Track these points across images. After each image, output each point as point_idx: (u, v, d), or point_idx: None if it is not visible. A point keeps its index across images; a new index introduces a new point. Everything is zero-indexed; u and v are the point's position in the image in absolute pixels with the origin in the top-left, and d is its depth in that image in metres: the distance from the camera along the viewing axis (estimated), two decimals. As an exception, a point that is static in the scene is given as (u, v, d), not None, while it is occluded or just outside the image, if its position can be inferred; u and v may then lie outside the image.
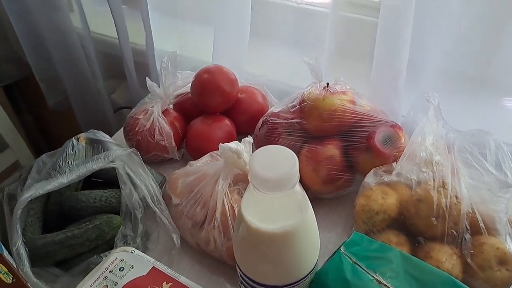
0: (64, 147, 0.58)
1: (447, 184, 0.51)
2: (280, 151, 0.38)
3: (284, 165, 0.36)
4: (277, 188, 0.36)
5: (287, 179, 0.36)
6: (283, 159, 0.37)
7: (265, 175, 0.36)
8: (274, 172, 0.36)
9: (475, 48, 0.70)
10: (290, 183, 0.36)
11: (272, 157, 0.38)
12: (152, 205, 0.57)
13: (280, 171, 0.36)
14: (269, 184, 0.36)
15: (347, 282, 0.43)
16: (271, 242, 0.39)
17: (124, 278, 0.48)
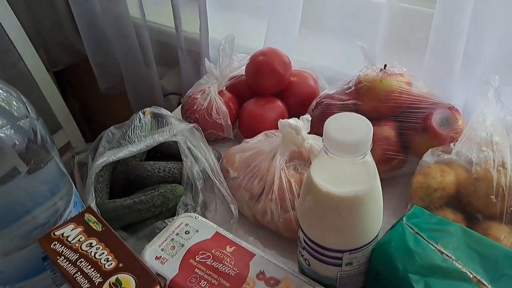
0: (131, 120, 0.62)
1: (506, 163, 0.52)
2: (355, 118, 0.40)
3: (359, 130, 0.38)
4: (352, 151, 0.38)
5: (362, 143, 0.38)
6: (358, 124, 0.39)
7: (342, 139, 0.38)
8: (350, 136, 0.38)
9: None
10: (364, 147, 0.38)
11: (348, 122, 0.39)
12: (212, 176, 0.60)
13: (356, 135, 0.38)
14: (345, 148, 0.38)
15: (410, 251, 0.44)
16: (341, 206, 0.41)
17: (190, 241, 0.51)
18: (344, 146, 0.38)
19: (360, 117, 0.39)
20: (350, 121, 0.39)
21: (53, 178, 0.43)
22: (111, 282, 0.35)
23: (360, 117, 0.39)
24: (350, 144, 0.38)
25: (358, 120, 0.39)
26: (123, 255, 0.37)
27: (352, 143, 0.38)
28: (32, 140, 0.39)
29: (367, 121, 0.39)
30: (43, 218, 0.41)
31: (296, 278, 0.47)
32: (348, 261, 0.45)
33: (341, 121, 0.40)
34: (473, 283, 0.42)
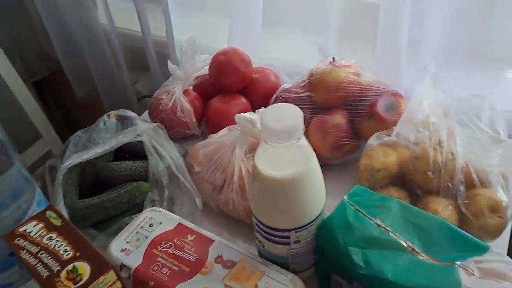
0: (97, 123, 0.65)
1: (442, 142, 0.56)
2: (286, 107, 0.44)
3: (291, 117, 0.42)
4: (287, 137, 0.42)
5: (294, 129, 0.42)
6: (289, 113, 0.43)
7: (275, 126, 0.42)
8: (283, 123, 0.42)
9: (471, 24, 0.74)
10: (297, 132, 0.42)
11: (280, 112, 0.43)
12: (176, 172, 0.64)
13: (288, 122, 0.42)
14: (278, 135, 0.42)
15: (350, 226, 0.48)
16: (282, 187, 0.45)
17: (153, 233, 0.55)
18: (279, 133, 0.42)
19: (291, 106, 0.43)
20: (282, 110, 0.44)
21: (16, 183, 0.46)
22: (68, 269, 0.39)
23: (290, 105, 0.44)
24: (284, 131, 0.42)
25: (289, 108, 0.43)
26: (80, 246, 0.41)
27: (285, 130, 0.42)
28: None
29: (297, 109, 0.43)
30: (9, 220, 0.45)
31: (251, 259, 0.52)
32: (296, 239, 0.49)
33: (275, 111, 0.44)
34: (407, 252, 0.46)
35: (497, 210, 0.53)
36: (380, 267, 0.45)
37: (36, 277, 0.38)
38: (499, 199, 0.53)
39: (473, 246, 0.46)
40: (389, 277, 0.44)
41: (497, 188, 0.54)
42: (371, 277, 0.45)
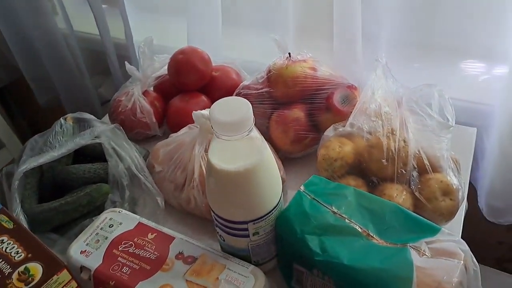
0: (53, 127, 0.64)
1: (395, 130, 0.58)
2: (235, 101, 0.45)
3: (240, 110, 0.43)
4: (235, 130, 0.43)
5: (244, 121, 0.42)
6: (238, 106, 0.43)
7: (224, 120, 0.42)
8: (233, 116, 0.42)
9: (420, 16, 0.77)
10: (247, 124, 0.43)
11: (229, 106, 0.44)
12: (136, 173, 0.63)
13: (237, 115, 0.42)
14: (228, 127, 0.42)
15: (307, 214, 0.49)
16: (236, 180, 0.45)
17: (113, 233, 0.55)
18: (228, 126, 0.43)
19: (239, 99, 0.44)
20: (231, 104, 0.44)
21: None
22: (19, 271, 0.38)
23: (239, 98, 0.44)
24: (233, 123, 0.42)
25: (238, 102, 0.44)
26: (32, 247, 0.40)
27: (235, 122, 0.42)
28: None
29: (245, 101, 0.43)
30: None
31: (212, 254, 0.52)
32: (254, 231, 0.49)
33: (224, 105, 0.44)
34: (362, 237, 0.47)
35: (448, 193, 0.55)
36: (336, 252, 0.46)
37: (-15, 281, 0.38)
38: (450, 182, 0.55)
39: (425, 227, 0.48)
40: (345, 262, 0.45)
41: (448, 171, 0.56)
42: (328, 263, 0.46)
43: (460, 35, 0.80)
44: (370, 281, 0.44)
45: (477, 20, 0.77)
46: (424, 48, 0.82)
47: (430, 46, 0.80)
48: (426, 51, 0.82)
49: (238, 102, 0.44)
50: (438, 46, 0.79)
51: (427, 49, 0.81)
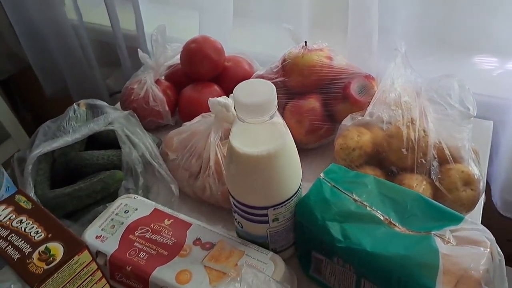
0: (66, 112, 0.63)
1: (415, 119, 0.57)
2: (259, 83, 0.44)
3: (264, 92, 0.42)
4: (260, 112, 0.42)
5: (267, 104, 0.42)
6: (262, 88, 0.43)
7: (248, 102, 0.41)
8: (256, 98, 0.41)
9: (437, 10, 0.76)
10: (270, 107, 0.42)
11: (253, 88, 0.43)
12: (151, 160, 0.62)
13: (261, 97, 0.41)
14: (251, 110, 0.42)
15: (327, 201, 0.48)
16: (258, 164, 0.45)
17: (129, 219, 0.54)
18: (252, 108, 0.42)
19: (264, 81, 0.43)
20: (255, 86, 0.43)
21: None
22: (40, 250, 0.37)
23: (263, 81, 0.43)
24: (257, 106, 0.42)
25: (262, 84, 0.43)
26: (52, 227, 0.39)
27: (258, 104, 0.42)
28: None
29: (270, 84, 0.43)
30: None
31: (230, 240, 0.51)
32: (274, 217, 0.49)
33: (247, 87, 0.43)
34: (384, 224, 0.47)
35: (469, 183, 0.54)
36: (358, 239, 0.45)
37: (7, 260, 0.37)
38: (471, 172, 0.54)
39: (447, 216, 0.47)
40: (368, 249, 0.44)
41: (469, 162, 0.55)
42: (350, 249, 0.45)
43: (475, 29, 0.79)
44: (393, 268, 0.43)
45: (492, 14, 0.76)
46: (437, 42, 0.81)
47: (444, 40, 0.79)
48: (440, 45, 0.82)
49: (262, 84, 0.43)
50: (452, 40, 0.79)
51: (441, 43, 0.80)
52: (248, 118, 0.42)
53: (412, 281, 0.42)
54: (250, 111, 0.42)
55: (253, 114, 0.42)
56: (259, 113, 0.42)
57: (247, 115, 0.42)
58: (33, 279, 0.35)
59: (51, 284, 0.36)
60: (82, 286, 0.39)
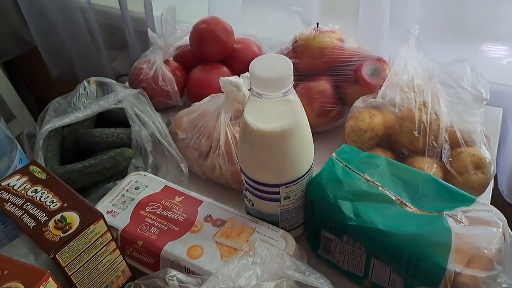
0: (76, 89, 0.63)
1: (427, 102, 0.57)
2: (276, 58, 0.43)
3: (280, 67, 0.42)
4: (275, 87, 0.41)
5: (283, 78, 0.41)
6: (279, 63, 0.42)
7: (264, 76, 0.41)
8: (273, 73, 0.41)
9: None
10: (286, 82, 0.42)
11: (270, 62, 0.43)
12: (160, 139, 0.62)
13: (278, 71, 0.41)
14: (267, 84, 0.41)
15: (339, 181, 0.48)
16: (272, 141, 0.44)
17: (140, 195, 0.54)
18: (268, 82, 0.42)
19: (281, 57, 0.43)
20: (272, 61, 0.43)
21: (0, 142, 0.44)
22: (56, 219, 0.37)
23: (280, 56, 0.43)
24: (273, 80, 0.41)
25: (279, 59, 0.43)
26: (67, 197, 0.39)
27: (275, 79, 0.41)
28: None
29: (287, 59, 0.42)
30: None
31: (241, 218, 0.51)
32: (286, 195, 0.49)
33: (264, 61, 0.43)
34: (396, 204, 0.47)
35: (480, 166, 0.54)
36: (370, 218, 0.45)
37: (22, 227, 0.37)
38: (483, 155, 0.54)
39: (459, 197, 0.47)
40: (380, 227, 0.44)
41: (480, 145, 0.55)
42: (362, 228, 0.45)
43: (485, 17, 0.79)
44: (405, 246, 0.43)
45: (502, 2, 0.76)
46: (447, 29, 0.80)
47: (454, 27, 0.79)
48: (449, 33, 0.81)
49: (279, 59, 0.43)
50: (462, 27, 0.78)
51: (450, 31, 0.80)
52: (264, 92, 0.42)
53: (424, 259, 0.42)
54: (266, 85, 0.42)
55: (269, 88, 0.42)
56: (275, 88, 0.42)
57: (263, 90, 0.42)
58: (50, 247, 0.35)
59: (67, 252, 0.36)
60: (96, 256, 0.39)
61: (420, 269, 0.43)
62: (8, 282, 0.33)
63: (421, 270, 0.42)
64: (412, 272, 0.43)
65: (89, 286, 0.40)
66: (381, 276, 0.47)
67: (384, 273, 0.47)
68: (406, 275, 0.44)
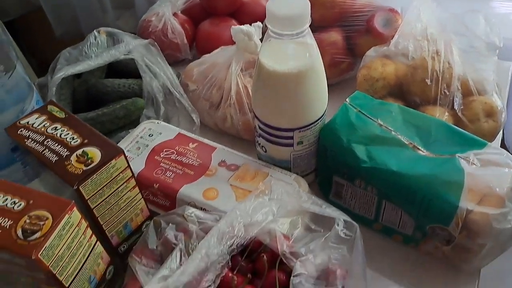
0: (87, 38, 0.63)
1: (440, 51, 0.56)
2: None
3: (297, 5, 0.41)
4: (292, 25, 0.41)
5: (300, 16, 0.41)
6: (296, 2, 0.42)
7: (282, 13, 0.41)
8: (290, 10, 0.41)
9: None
10: (303, 20, 0.42)
11: (287, 1, 0.42)
12: (172, 89, 0.62)
13: (295, 9, 0.41)
14: (286, 22, 0.41)
15: (353, 125, 0.49)
16: (287, 82, 0.45)
17: (153, 141, 0.54)
18: (285, 20, 0.41)
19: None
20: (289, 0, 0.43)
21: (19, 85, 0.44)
22: (78, 154, 0.38)
23: (298, -4, 0.43)
24: (291, 17, 0.41)
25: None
26: (87, 134, 0.40)
27: (292, 16, 0.41)
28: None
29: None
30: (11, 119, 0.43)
31: (254, 163, 0.52)
32: (299, 139, 0.49)
33: (282, 1, 0.43)
34: (409, 148, 0.47)
35: (492, 114, 0.55)
36: (383, 160, 0.46)
37: (44, 162, 0.37)
38: (494, 104, 0.55)
39: (471, 141, 0.47)
40: (393, 168, 0.45)
41: (492, 93, 0.55)
42: (375, 170, 0.46)
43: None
44: (418, 187, 0.44)
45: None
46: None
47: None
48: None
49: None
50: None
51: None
52: (281, 30, 0.42)
53: (436, 198, 0.43)
54: (284, 24, 0.41)
55: (287, 27, 0.42)
56: (293, 27, 0.42)
57: (281, 29, 0.42)
58: (73, 179, 0.36)
59: (89, 185, 0.37)
60: (117, 191, 0.40)
61: (432, 208, 0.44)
62: (34, 210, 0.34)
63: (433, 209, 0.44)
64: (424, 212, 0.44)
65: (110, 221, 0.41)
66: (392, 218, 0.49)
67: (395, 215, 0.48)
68: (418, 215, 0.45)
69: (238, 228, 0.39)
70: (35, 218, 0.33)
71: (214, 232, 0.38)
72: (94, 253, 0.38)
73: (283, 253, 0.38)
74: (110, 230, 0.42)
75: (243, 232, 0.39)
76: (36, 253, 0.32)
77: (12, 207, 0.34)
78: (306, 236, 0.41)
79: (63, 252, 0.34)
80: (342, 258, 0.37)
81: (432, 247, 0.48)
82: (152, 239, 0.41)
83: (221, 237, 0.38)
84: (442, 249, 0.47)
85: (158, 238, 0.41)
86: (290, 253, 0.38)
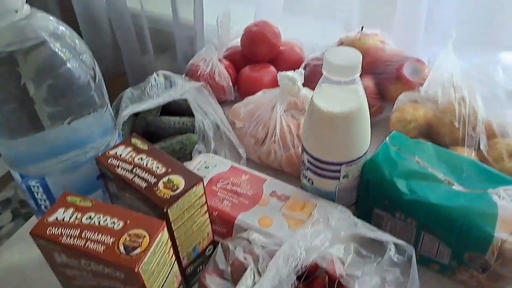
0: (147, 80, 0.70)
1: (465, 97, 0.63)
2: (347, 49, 0.50)
3: (351, 56, 0.49)
4: (346, 72, 0.48)
5: (354, 66, 0.48)
6: (350, 54, 0.49)
7: (339, 62, 0.48)
8: (344, 60, 0.48)
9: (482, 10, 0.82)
10: (355, 69, 0.49)
11: (342, 53, 0.50)
12: (221, 126, 0.69)
13: (348, 59, 0.48)
14: (341, 69, 0.48)
15: (393, 161, 0.55)
16: (338, 121, 0.51)
17: (210, 173, 0.60)
18: (340, 68, 0.48)
19: (350, 48, 0.50)
20: (345, 51, 0.50)
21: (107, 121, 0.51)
22: (164, 181, 0.44)
23: (350, 48, 0.50)
24: (344, 66, 0.48)
25: (350, 50, 0.50)
26: (170, 163, 0.46)
27: (346, 65, 0.48)
28: (93, 76, 0.47)
29: (357, 51, 0.49)
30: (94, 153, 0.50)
31: (303, 193, 0.58)
32: (345, 173, 0.55)
33: (338, 51, 0.50)
34: (444, 183, 0.53)
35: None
36: (424, 193, 0.51)
37: (135, 188, 0.43)
38: (517, 145, 0.61)
39: (500, 179, 0.53)
40: (433, 201, 0.50)
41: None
42: (416, 202, 0.51)
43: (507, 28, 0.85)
44: (456, 218, 0.49)
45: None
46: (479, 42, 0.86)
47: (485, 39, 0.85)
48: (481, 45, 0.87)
49: (350, 50, 0.50)
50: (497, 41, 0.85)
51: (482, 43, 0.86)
52: (335, 77, 0.49)
53: (474, 228, 0.48)
54: (339, 70, 0.48)
55: (341, 73, 0.49)
56: (346, 73, 0.48)
57: (335, 74, 0.49)
58: (163, 202, 0.41)
59: (175, 208, 0.42)
60: (193, 215, 0.45)
61: (470, 237, 0.48)
62: (133, 229, 0.39)
63: (471, 238, 0.48)
64: (462, 241, 0.49)
65: (184, 243, 0.46)
66: (430, 248, 0.53)
67: (433, 245, 0.53)
68: (455, 244, 0.50)
69: (300, 252, 0.44)
70: (134, 236, 0.38)
71: (280, 253, 0.43)
72: (173, 272, 0.43)
73: (341, 275, 0.43)
74: (183, 252, 0.47)
75: (305, 255, 0.44)
76: (138, 266, 0.37)
77: (112, 226, 0.39)
78: (359, 262, 0.46)
79: (155, 268, 0.39)
80: (396, 280, 0.42)
81: (467, 276, 0.52)
82: (221, 260, 0.46)
83: (287, 258, 0.43)
84: (478, 278, 0.51)
85: (226, 260, 0.46)
86: (347, 275, 0.43)
